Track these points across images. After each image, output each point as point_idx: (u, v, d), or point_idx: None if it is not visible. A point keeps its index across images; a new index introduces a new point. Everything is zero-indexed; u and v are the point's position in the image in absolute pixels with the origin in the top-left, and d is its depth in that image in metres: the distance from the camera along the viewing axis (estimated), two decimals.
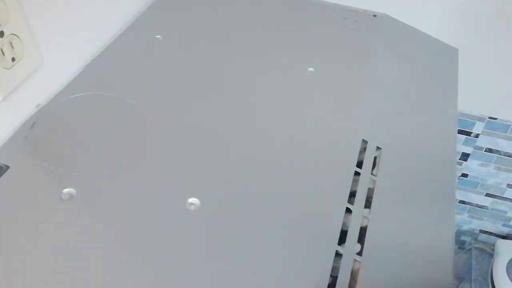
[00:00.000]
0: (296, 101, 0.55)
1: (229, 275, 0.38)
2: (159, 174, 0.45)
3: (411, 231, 0.44)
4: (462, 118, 1.00)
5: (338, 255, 0.41)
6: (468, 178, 1.13)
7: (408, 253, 0.43)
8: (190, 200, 0.43)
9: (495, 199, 1.16)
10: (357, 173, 0.48)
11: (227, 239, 0.41)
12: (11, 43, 0.45)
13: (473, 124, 1.01)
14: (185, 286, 0.37)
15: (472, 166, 1.10)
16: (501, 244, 1.20)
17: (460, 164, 1.10)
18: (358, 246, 0.42)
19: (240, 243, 0.40)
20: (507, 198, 1.15)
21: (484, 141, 1.04)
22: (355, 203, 0.45)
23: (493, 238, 1.26)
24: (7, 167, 0.44)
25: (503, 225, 1.23)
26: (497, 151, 1.05)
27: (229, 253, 0.40)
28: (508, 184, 1.11)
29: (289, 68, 0.60)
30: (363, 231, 0.43)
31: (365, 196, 0.46)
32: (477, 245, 1.26)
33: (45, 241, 0.39)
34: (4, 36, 0.44)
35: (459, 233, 1.29)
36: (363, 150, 0.51)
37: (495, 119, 0.99)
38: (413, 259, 0.42)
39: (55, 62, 0.53)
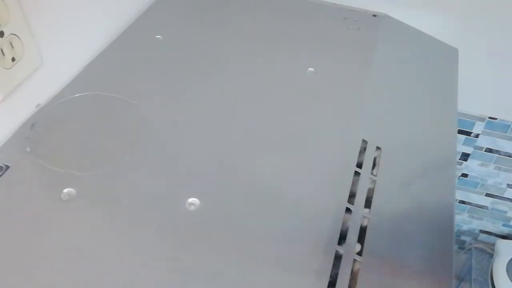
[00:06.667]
0: (296, 101, 0.55)
1: (228, 275, 0.38)
2: (159, 174, 0.45)
3: (411, 231, 0.44)
4: (462, 118, 1.00)
5: (338, 255, 0.41)
6: (468, 178, 1.13)
7: (408, 253, 0.42)
8: (190, 200, 0.43)
9: (495, 199, 1.16)
10: (357, 173, 0.48)
11: (227, 239, 0.41)
12: (11, 43, 0.45)
13: (473, 124, 1.01)
14: (185, 285, 0.37)
15: (472, 166, 1.10)
16: (501, 244, 1.20)
17: (460, 164, 1.10)
18: (358, 246, 0.42)
19: (240, 243, 0.40)
20: (507, 198, 1.15)
21: (484, 141, 1.04)
22: (355, 203, 0.45)
23: (493, 238, 1.26)
24: (7, 167, 0.44)
25: (503, 225, 1.23)
26: (497, 151, 1.05)
27: (229, 253, 0.40)
28: (508, 184, 1.11)
29: (289, 68, 0.60)
30: (363, 231, 0.43)
31: (365, 196, 0.46)
32: (477, 245, 1.26)
33: (45, 241, 0.39)
34: (4, 36, 0.44)
35: (459, 233, 1.29)
36: (363, 150, 0.50)
37: (495, 119, 0.98)
38: (413, 259, 0.42)
39: (55, 62, 0.53)
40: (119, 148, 0.48)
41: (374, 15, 0.72)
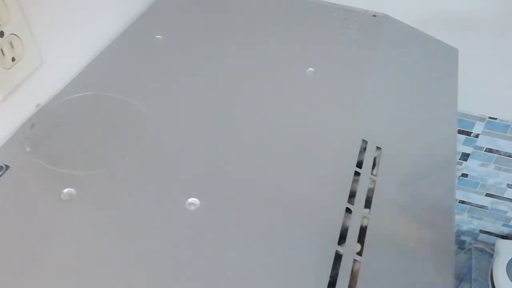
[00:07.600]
0: (296, 101, 0.55)
1: (228, 275, 0.38)
2: (159, 174, 0.45)
3: (411, 231, 0.44)
4: (462, 118, 1.00)
5: (338, 255, 0.41)
6: (468, 178, 1.13)
7: (408, 253, 0.43)
8: (190, 200, 0.43)
9: (495, 199, 1.16)
10: (357, 173, 0.48)
11: (227, 239, 0.41)
12: (11, 43, 0.45)
13: (473, 124, 1.01)
14: (185, 286, 0.37)
15: (472, 166, 1.10)
16: (501, 244, 1.20)
17: (460, 164, 1.10)
18: (358, 246, 0.42)
19: (240, 243, 0.40)
20: (507, 198, 1.15)
21: (484, 141, 1.04)
22: (355, 203, 0.45)
23: (493, 238, 1.26)
24: (7, 167, 0.44)
25: (503, 225, 1.23)
26: (497, 151, 1.05)
27: (229, 253, 0.40)
28: (508, 184, 1.11)
29: (289, 68, 0.60)
30: (363, 231, 0.43)
31: (365, 196, 0.46)
32: (477, 245, 1.26)
33: (45, 241, 0.39)
34: (4, 36, 0.44)
35: (459, 233, 1.29)
36: (363, 150, 0.51)
37: (495, 119, 0.99)
38: (413, 259, 0.42)
39: (55, 62, 0.53)
40: (119, 148, 0.48)
41: (374, 15, 0.72)
